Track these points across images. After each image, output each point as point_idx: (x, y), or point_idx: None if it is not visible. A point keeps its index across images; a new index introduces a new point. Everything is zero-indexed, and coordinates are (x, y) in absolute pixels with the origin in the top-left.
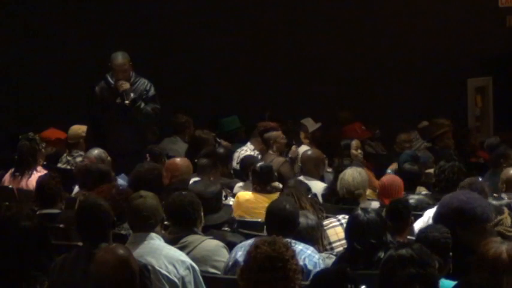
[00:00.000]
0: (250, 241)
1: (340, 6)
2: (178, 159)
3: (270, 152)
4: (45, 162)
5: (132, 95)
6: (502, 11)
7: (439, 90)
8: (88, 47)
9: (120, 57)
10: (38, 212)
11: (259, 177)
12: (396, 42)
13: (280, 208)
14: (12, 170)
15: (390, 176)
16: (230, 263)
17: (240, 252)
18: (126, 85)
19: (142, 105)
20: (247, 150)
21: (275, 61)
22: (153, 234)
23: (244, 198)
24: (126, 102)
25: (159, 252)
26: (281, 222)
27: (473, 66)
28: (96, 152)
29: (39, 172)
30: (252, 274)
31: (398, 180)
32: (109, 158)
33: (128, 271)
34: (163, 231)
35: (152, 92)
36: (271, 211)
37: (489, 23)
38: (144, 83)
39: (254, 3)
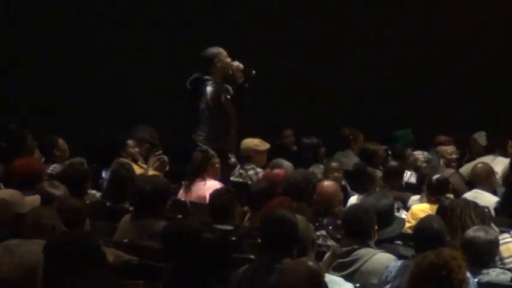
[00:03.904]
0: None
1: None
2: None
3: (441, 164)
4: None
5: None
6: None
7: None
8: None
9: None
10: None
11: (434, 189)
12: None
13: (427, 226)
14: (185, 183)
15: None
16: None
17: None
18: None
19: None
20: None
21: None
22: None
23: (419, 209)
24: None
25: None
26: (429, 241)
27: None
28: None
29: (209, 182)
30: (417, 282)
31: None
32: None
33: (319, 283)
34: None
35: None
36: (418, 229)
37: None
38: None
39: None
